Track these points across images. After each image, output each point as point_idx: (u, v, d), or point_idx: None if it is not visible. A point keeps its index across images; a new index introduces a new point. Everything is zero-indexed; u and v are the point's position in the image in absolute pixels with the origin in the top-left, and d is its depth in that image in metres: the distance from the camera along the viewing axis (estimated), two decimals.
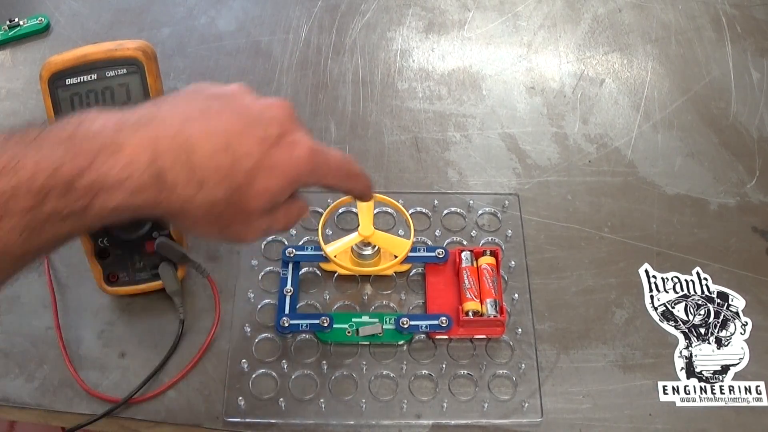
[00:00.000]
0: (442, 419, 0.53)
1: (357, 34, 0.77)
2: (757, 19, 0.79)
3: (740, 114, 0.71)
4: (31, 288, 0.58)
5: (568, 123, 0.70)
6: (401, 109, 0.71)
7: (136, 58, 0.51)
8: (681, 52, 0.76)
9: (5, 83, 0.71)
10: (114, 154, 0.36)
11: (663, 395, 0.55)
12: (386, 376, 0.55)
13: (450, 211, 0.63)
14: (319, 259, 0.59)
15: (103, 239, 0.54)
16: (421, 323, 0.55)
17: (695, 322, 0.58)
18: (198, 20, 0.77)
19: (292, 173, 0.41)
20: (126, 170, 0.36)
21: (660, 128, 0.70)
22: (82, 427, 0.53)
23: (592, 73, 0.74)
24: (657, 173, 0.67)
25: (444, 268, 0.59)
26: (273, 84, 0.72)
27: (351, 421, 0.53)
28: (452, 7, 0.80)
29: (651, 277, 0.60)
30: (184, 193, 0.37)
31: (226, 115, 0.39)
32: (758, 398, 0.55)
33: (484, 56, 0.76)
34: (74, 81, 0.51)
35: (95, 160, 0.35)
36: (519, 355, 0.56)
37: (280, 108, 0.41)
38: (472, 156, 0.68)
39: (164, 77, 0.54)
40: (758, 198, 0.65)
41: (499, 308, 0.55)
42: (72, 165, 0.34)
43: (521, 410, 0.54)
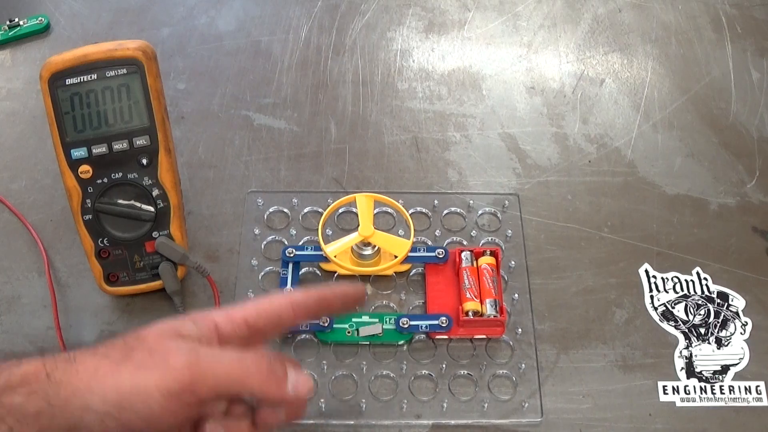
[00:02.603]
0: (442, 419, 0.53)
1: (357, 34, 0.77)
2: (757, 19, 0.79)
3: (740, 114, 0.71)
4: (31, 288, 0.58)
5: (568, 123, 0.70)
6: (401, 109, 0.71)
7: (136, 58, 0.51)
8: (681, 52, 0.76)
9: (5, 83, 0.71)
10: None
11: (663, 395, 0.55)
12: (386, 376, 0.55)
13: (450, 211, 0.63)
14: (319, 259, 0.59)
15: (103, 239, 0.54)
16: (421, 323, 0.55)
17: (695, 322, 0.58)
18: (198, 20, 0.77)
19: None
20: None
21: (660, 128, 0.70)
22: None
23: (592, 73, 0.74)
24: (657, 173, 0.67)
25: (444, 268, 0.59)
26: (273, 84, 0.72)
27: (351, 421, 0.53)
28: (452, 7, 0.80)
29: (651, 277, 0.60)
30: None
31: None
32: (758, 398, 0.55)
33: (484, 56, 0.76)
34: (74, 81, 0.51)
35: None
36: (519, 355, 0.56)
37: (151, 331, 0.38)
38: (472, 156, 0.68)
39: (164, 77, 0.54)
40: (758, 198, 0.66)
41: (499, 308, 0.55)
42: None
43: (521, 410, 0.54)
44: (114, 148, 0.52)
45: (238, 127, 0.69)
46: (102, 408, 0.35)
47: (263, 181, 0.65)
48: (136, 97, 0.52)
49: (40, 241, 0.60)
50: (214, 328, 0.39)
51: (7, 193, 0.63)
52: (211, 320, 0.40)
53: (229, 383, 0.38)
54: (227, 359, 0.38)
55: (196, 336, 0.38)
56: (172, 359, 0.36)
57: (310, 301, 0.43)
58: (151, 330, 0.38)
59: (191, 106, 0.70)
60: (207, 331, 0.39)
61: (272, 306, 0.42)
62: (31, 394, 0.34)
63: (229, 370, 0.38)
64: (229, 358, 0.38)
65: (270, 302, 0.42)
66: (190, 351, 0.37)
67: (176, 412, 0.36)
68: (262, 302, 0.42)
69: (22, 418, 0.34)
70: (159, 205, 0.54)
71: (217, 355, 0.38)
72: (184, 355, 0.36)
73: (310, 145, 0.68)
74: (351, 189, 0.64)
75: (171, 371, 0.36)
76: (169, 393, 0.35)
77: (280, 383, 0.39)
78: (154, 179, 0.54)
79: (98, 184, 0.53)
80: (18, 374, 0.35)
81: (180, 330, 0.38)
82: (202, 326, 0.39)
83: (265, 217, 0.62)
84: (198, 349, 0.37)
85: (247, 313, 0.41)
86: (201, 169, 0.65)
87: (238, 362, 0.38)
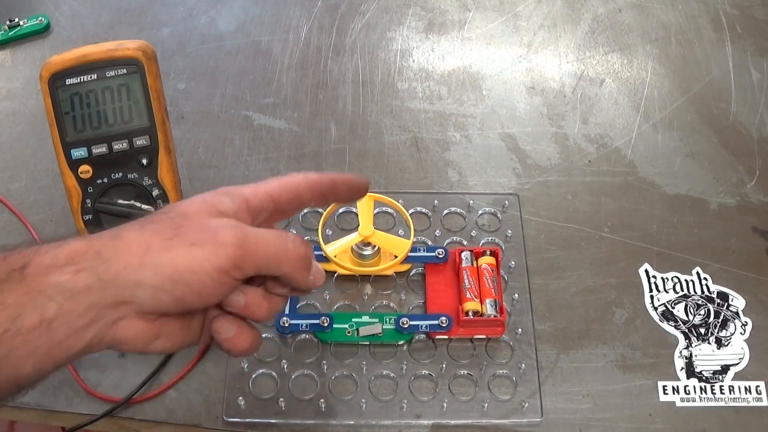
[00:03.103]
0: (442, 419, 0.53)
1: (357, 34, 0.77)
2: (757, 19, 0.79)
3: (740, 114, 0.71)
4: None
5: (568, 123, 0.70)
6: (401, 109, 0.71)
7: (136, 58, 0.51)
8: (681, 52, 0.76)
9: (5, 83, 0.71)
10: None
11: (663, 395, 0.55)
12: (386, 376, 0.55)
13: (450, 211, 0.63)
14: (319, 259, 0.59)
15: None
16: (421, 323, 0.55)
17: (695, 322, 0.58)
18: (198, 20, 0.77)
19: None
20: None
21: (660, 128, 0.70)
22: (82, 427, 0.53)
23: (592, 73, 0.74)
24: (657, 173, 0.67)
25: (444, 268, 0.59)
26: (273, 84, 0.72)
27: (351, 421, 0.53)
28: (452, 7, 0.80)
29: (651, 277, 0.60)
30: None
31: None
32: (758, 398, 0.55)
33: (484, 56, 0.76)
34: (74, 81, 0.51)
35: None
36: (519, 355, 0.56)
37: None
38: (472, 156, 0.68)
39: (164, 77, 0.54)
40: (758, 198, 0.65)
41: (499, 308, 0.55)
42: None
43: (521, 410, 0.54)
44: (114, 148, 0.52)
45: (238, 127, 0.69)
46: (156, 282, 0.36)
47: None
48: (136, 97, 0.52)
49: (40, 241, 0.60)
50: (246, 203, 0.40)
51: (7, 193, 0.63)
52: (241, 195, 0.41)
53: (271, 262, 0.39)
54: (272, 238, 0.39)
55: (233, 212, 0.39)
56: (222, 236, 0.37)
57: (324, 181, 0.44)
58: (192, 206, 0.39)
59: (191, 106, 0.70)
60: (241, 205, 0.40)
61: (292, 182, 0.43)
62: (80, 272, 0.35)
63: (274, 250, 0.39)
64: (274, 237, 0.39)
65: (289, 178, 0.43)
66: (236, 228, 0.38)
67: (224, 285, 0.37)
68: (282, 179, 0.43)
69: (71, 296, 0.34)
70: (159, 205, 0.54)
71: (263, 234, 0.39)
72: (233, 232, 0.37)
73: (310, 145, 0.68)
74: None
75: (223, 247, 0.37)
76: (220, 268, 0.36)
77: (307, 268, 0.41)
78: (154, 179, 0.54)
79: (98, 184, 0.53)
80: (64, 253, 0.35)
81: (219, 206, 0.39)
82: (236, 201, 0.40)
83: None
84: (244, 227, 0.38)
85: (271, 187, 0.42)
86: (201, 169, 0.65)
87: (281, 242, 0.39)
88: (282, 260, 0.39)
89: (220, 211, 0.39)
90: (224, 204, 0.39)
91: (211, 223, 0.38)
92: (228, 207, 0.39)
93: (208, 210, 0.39)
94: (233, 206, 0.40)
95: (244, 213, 0.40)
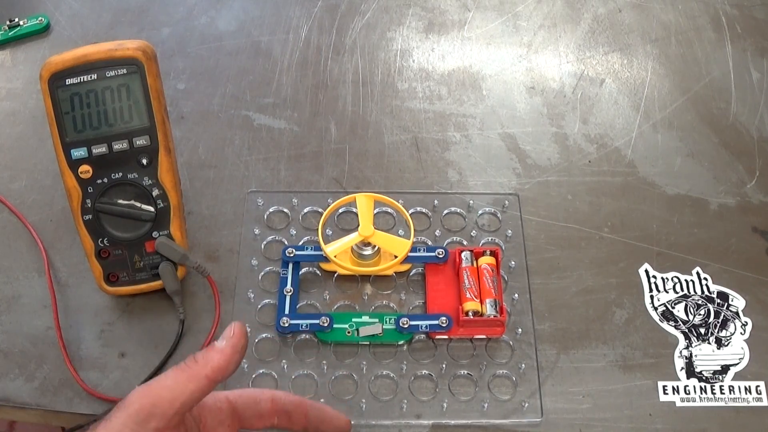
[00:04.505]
0: (442, 419, 0.53)
1: (357, 34, 0.77)
2: (757, 19, 0.79)
3: (740, 114, 0.71)
4: (31, 288, 0.58)
5: (568, 123, 0.70)
6: (401, 109, 0.71)
7: (136, 58, 0.51)
8: (681, 52, 0.76)
9: (5, 83, 0.71)
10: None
11: (663, 395, 0.55)
12: (386, 376, 0.55)
13: (450, 211, 0.63)
14: (319, 259, 0.59)
15: (103, 239, 0.54)
16: (421, 323, 0.55)
17: (695, 322, 0.58)
18: (198, 20, 0.77)
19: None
20: None
21: (660, 128, 0.70)
22: (82, 428, 0.53)
23: (592, 73, 0.74)
24: (657, 173, 0.67)
25: (444, 268, 0.59)
26: (273, 84, 0.72)
27: (351, 421, 0.53)
28: (452, 7, 0.80)
29: (651, 277, 0.60)
30: None
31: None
32: (758, 398, 0.55)
33: (484, 56, 0.76)
34: (74, 81, 0.51)
35: None
36: (519, 355, 0.56)
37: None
38: (472, 156, 0.68)
39: (164, 77, 0.54)
40: (758, 198, 0.65)
41: (499, 308, 0.55)
42: None
43: (521, 410, 0.54)
44: (114, 148, 0.52)
45: (238, 127, 0.69)
46: None
47: (263, 181, 0.65)
48: (136, 97, 0.52)
49: (40, 241, 0.60)
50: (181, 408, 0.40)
51: (7, 193, 0.63)
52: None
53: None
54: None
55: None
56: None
57: (289, 400, 0.46)
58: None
59: (191, 106, 0.70)
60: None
61: (253, 390, 0.46)
62: None
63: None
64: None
65: (254, 389, 0.47)
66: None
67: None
68: (248, 389, 0.47)
69: None
70: (159, 205, 0.54)
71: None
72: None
73: (310, 145, 0.68)
74: (351, 189, 0.65)
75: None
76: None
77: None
78: (154, 179, 0.54)
79: (98, 184, 0.53)
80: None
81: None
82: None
83: (265, 217, 0.62)
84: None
85: (231, 392, 0.46)
86: (201, 169, 0.65)
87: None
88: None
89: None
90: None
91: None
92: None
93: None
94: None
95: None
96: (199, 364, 0.40)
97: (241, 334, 0.42)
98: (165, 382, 0.40)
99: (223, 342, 0.41)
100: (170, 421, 0.39)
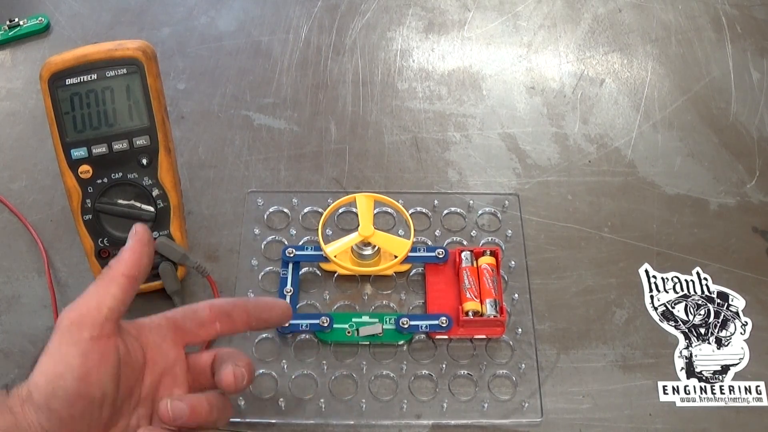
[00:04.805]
0: (442, 419, 0.53)
1: (357, 34, 0.77)
2: (757, 19, 0.79)
3: (740, 114, 0.71)
4: (31, 288, 0.58)
5: (568, 123, 0.70)
6: (401, 109, 0.71)
7: (136, 58, 0.51)
8: (681, 52, 0.76)
9: (5, 83, 0.71)
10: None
11: (663, 395, 0.55)
12: (386, 376, 0.55)
13: (450, 211, 0.63)
14: (319, 259, 0.59)
15: (103, 239, 0.54)
16: (421, 323, 0.55)
17: (695, 322, 0.58)
18: (198, 20, 0.77)
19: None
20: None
21: (660, 128, 0.70)
22: None
23: (592, 73, 0.74)
24: (657, 173, 0.67)
25: (444, 268, 0.59)
26: (273, 84, 0.72)
27: (351, 421, 0.53)
28: (452, 7, 0.80)
29: (651, 277, 0.60)
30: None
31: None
32: (758, 398, 0.55)
33: (484, 56, 0.76)
34: (74, 81, 0.51)
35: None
36: (519, 355, 0.56)
37: None
38: (472, 156, 0.68)
39: (164, 77, 0.54)
40: (758, 198, 0.66)
41: (499, 308, 0.55)
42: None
43: (521, 410, 0.54)
44: (114, 148, 0.52)
45: (238, 127, 0.69)
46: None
47: (263, 181, 0.65)
48: (136, 97, 0.52)
49: (40, 241, 0.60)
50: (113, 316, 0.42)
51: (7, 193, 0.63)
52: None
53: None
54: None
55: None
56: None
57: (226, 301, 0.47)
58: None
59: (191, 106, 0.70)
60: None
61: (190, 304, 0.47)
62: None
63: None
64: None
65: (191, 304, 0.47)
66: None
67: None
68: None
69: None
70: (159, 205, 0.54)
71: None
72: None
73: (310, 145, 0.68)
74: (351, 189, 0.65)
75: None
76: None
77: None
78: (154, 179, 0.54)
79: (98, 184, 0.53)
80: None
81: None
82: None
83: (265, 217, 0.62)
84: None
85: (167, 311, 0.47)
86: (201, 169, 0.65)
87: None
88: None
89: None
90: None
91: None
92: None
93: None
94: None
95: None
96: (112, 268, 0.43)
97: (144, 229, 0.45)
98: (87, 294, 0.41)
99: (130, 241, 0.44)
100: (103, 328, 0.40)
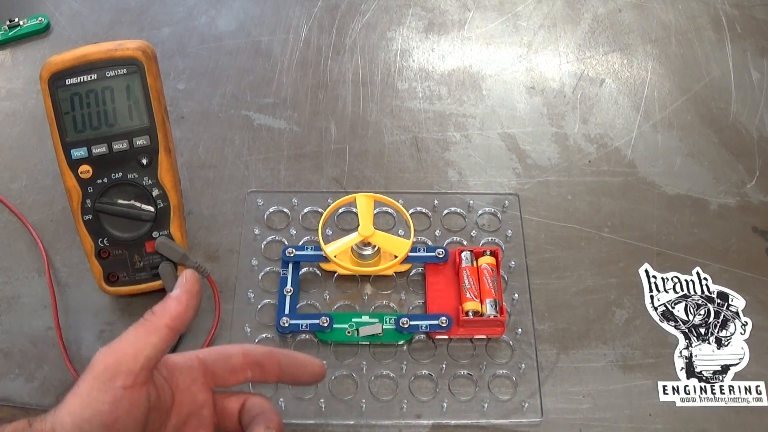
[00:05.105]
0: (442, 419, 0.53)
1: (357, 34, 0.77)
2: (757, 19, 0.79)
3: (740, 114, 0.71)
4: (31, 288, 0.58)
5: (568, 123, 0.70)
6: (401, 109, 0.71)
7: (136, 58, 0.51)
8: (681, 52, 0.76)
9: (5, 83, 0.71)
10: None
11: (663, 395, 0.55)
12: (386, 376, 0.55)
13: (450, 211, 0.63)
14: (319, 259, 0.59)
15: (103, 239, 0.54)
16: (421, 323, 0.55)
17: (695, 322, 0.58)
18: (198, 20, 0.77)
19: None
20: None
21: (660, 128, 0.70)
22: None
23: (592, 73, 0.74)
24: (657, 173, 0.67)
25: (444, 268, 0.59)
26: (273, 84, 0.72)
27: (351, 421, 0.53)
28: (452, 7, 0.80)
29: (651, 277, 0.60)
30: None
31: None
32: (758, 398, 0.55)
33: (484, 56, 0.76)
34: (74, 81, 0.51)
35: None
36: (519, 355, 0.56)
37: None
38: (472, 156, 0.68)
39: (164, 77, 0.54)
40: (758, 198, 0.66)
41: (499, 308, 0.55)
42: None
43: (521, 410, 0.54)
44: (114, 148, 0.52)
45: (238, 127, 0.69)
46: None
47: (263, 181, 0.65)
48: (136, 97, 0.52)
49: (40, 241, 0.60)
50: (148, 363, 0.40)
51: (7, 193, 0.63)
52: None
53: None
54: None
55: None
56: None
57: (260, 351, 0.45)
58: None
59: (191, 106, 0.70)
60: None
61: (224, 346, 0.45)
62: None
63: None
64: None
65: (224, 345, 0.46)
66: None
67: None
68: (218, 346, 0.46)
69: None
70: (159, 205, 0.54)
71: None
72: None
73: (310, 145, 0.68)
74: (351, 189, 0.65)
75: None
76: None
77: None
78: (154, 179, 0.54)
79: (98, 184, 0.53)
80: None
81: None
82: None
83: (265, 217, 0.62)
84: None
85: (200, 351, 0.45)
86: (201, 169, 0.65)
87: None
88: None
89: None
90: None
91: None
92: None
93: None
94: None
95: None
96: (157, 315, 0.40)
97: (194, 279, 0.42)
98: (126, 339, 0.39)
99: (178, 290, 0.41)
100: (137, 377, 0.38)
